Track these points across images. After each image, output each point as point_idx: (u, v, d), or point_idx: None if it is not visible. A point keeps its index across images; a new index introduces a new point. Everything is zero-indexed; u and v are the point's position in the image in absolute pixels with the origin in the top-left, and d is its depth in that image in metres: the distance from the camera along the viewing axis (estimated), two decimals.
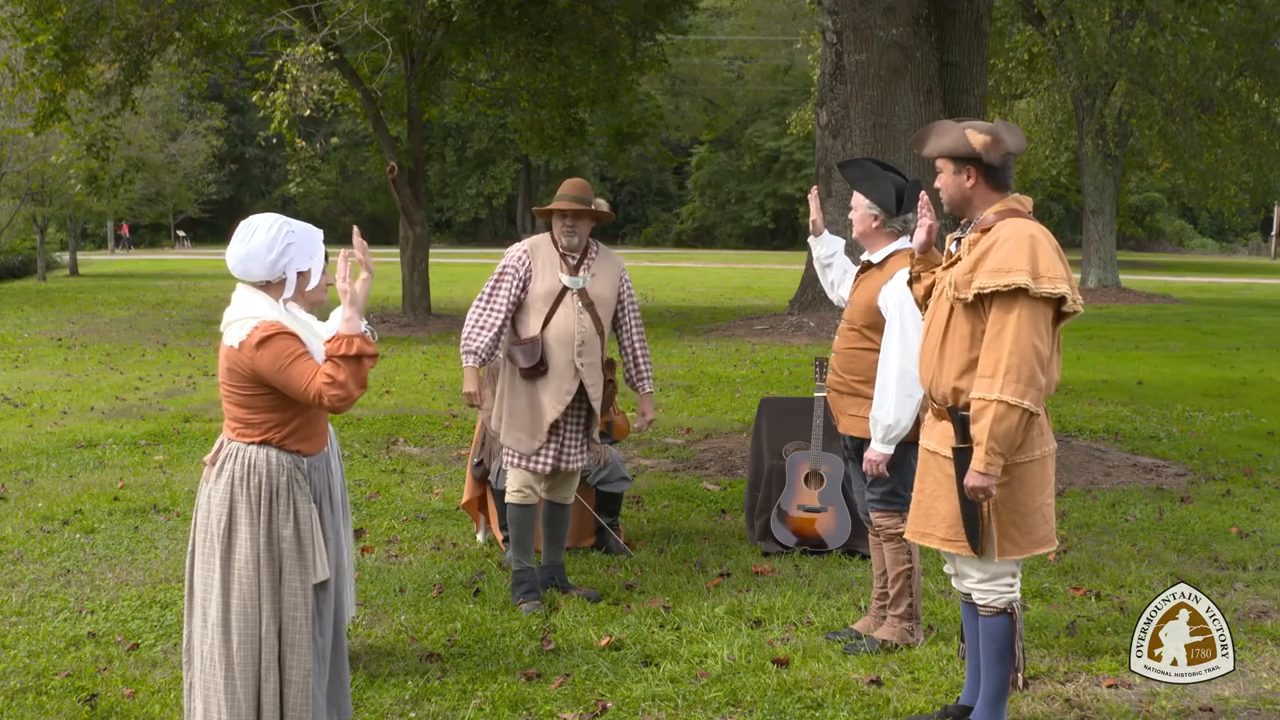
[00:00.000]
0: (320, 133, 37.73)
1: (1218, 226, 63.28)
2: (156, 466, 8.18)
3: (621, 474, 6.27)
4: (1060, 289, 3.50)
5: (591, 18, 18.90)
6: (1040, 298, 3.50)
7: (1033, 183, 37.36)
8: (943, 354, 3.71)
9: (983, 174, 3.71)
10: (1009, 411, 3.48)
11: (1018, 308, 3.50)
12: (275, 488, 3.43)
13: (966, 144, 3.70)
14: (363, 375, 3.34)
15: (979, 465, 3.52)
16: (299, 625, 3.43)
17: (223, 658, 3.39)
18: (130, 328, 19.33)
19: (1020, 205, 3.71)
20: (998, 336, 3.52)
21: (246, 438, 3.44)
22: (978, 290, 3.55)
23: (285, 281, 3.49)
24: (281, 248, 3.46)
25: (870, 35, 8.40)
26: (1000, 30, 23.33)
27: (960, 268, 3.66)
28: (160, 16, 16.61)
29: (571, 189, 5.30)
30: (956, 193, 3.78)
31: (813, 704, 4.23)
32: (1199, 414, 10.80)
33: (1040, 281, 3.49)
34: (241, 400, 3.42)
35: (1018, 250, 3.52)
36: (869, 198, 4.75)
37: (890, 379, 4.49)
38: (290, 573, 3.43)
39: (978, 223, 3.73)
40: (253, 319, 3.39)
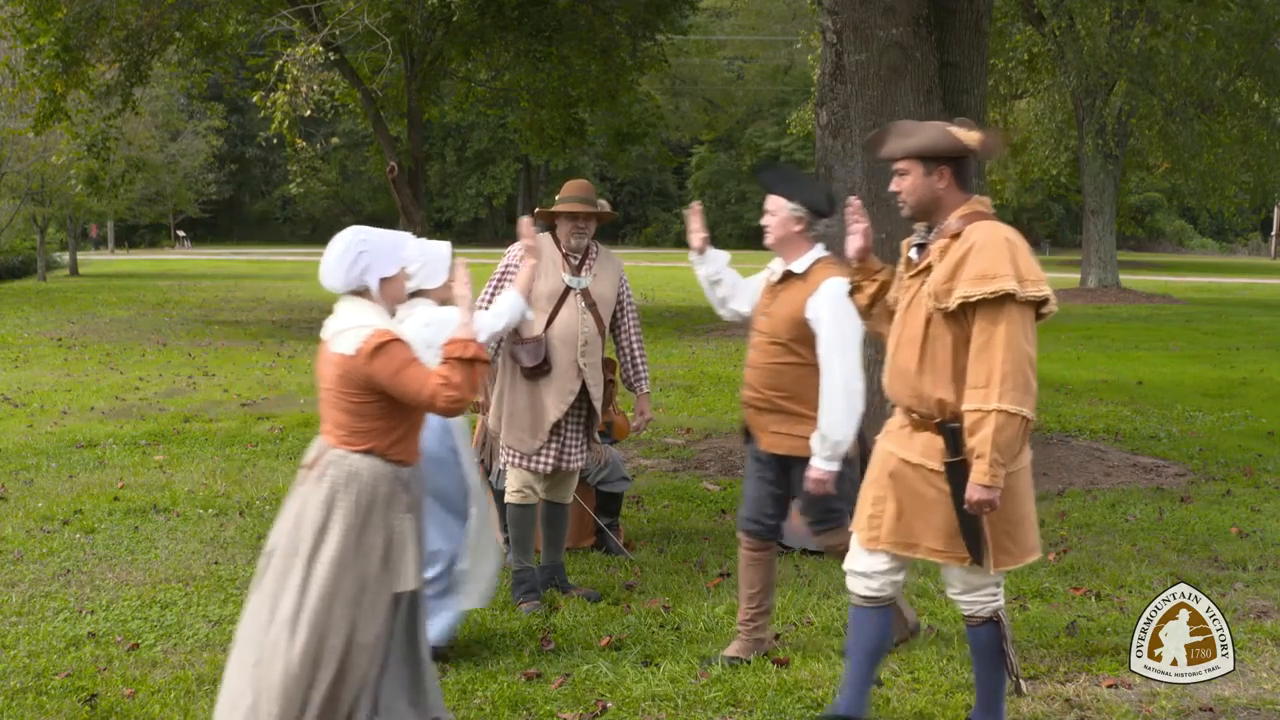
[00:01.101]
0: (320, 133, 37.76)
1: (1218, 226, 63.26)
2: (156, 466, 8.18)
3: (621, 474, 6.27)
4: (1044, 291, 3.44)
5: (591, 18, 18.88)
6: (1026, 301, 3.43)
7: (1033, 183, 37.39)
8: (923, 365, 3.59)
9: (956, 174, 3.59)
10: (1009, 420, 3.40)
11: (1005, 314, 3.41)
12: (374, 498, 3.47)
13: (950, 141, 3.58)
14: (475, 380, 3.44)
15: (983, 478, 3.41)
16: (372, 632, 3.47)
17: (284, 654, 3.41)
18: (130, 328, 19.33)
19: (984, 207, 3.61)
20: (987, 345, 3.42)
21: (351, 445, 3.49)
22: (962, 298, 3.44)
23: (369, 289, 3.55)
24: (353, 258, 3.52)
25: (870, 35, 8.39)
26: (1000, 30, 23.30)
27: (937, 276, 3.53)
28: (160, 16, 16.61)
29: (577, 190, 5.30)
30: (926, 195, 3.62)
31: (813, 704, 4.23)
32: (1199, 414, 10.80)
33: (1025, 285, 3.42)
34: (350, 408, 3.47)
35: (998, 255, 3.43)
36: (794, 200, 4.52)
37: (836, 394, 4.28)
38: (374, 581, 3.47)
39: (943, 228, 3.60)
40: (366, 327, 3.46)
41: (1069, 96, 27.55)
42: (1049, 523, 6.77)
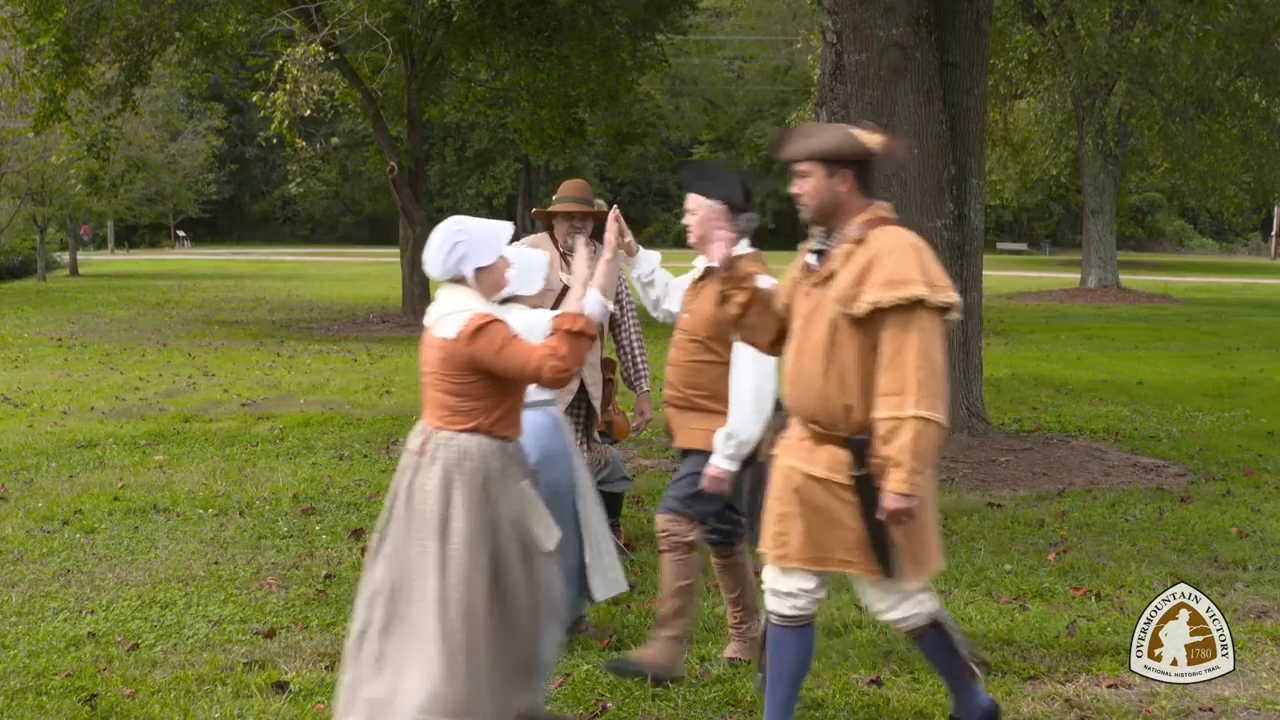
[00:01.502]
0: (320, 133, 37.76)
1: (1218, 226, 63.28)
2: (156, 466, 8.18)
3: (622, 474, 6.26)
4: (953, 297, 3.37)
5: (591, 18, 18.90)
6: (936, 307, 3.35)
7: (1033, 183, 37.37)
8: (829, 374, 3.47)
9: (858, 178, 3.50)
10: (926, 427, 3.30)
11: (916, 320, 3.33)
12: (489, 472, 3.59)
13: (853, 144, 3.49)
14: (581, 352, 3.54)
15: (901, 486, 3.31)
16: (523, 600, 3.60)
17: (438, 633, 3.49)
18: (130, 328, 19.33)
19: (887, 213, 3.54)
20: (900, 352, 3.33)
21: (456, 425, 3.60)
22: (873, 304, 3.35)
23: (465, 277, 3.66)
24: (449, 247, 3.64)
25: (870, 35, 8.40)
26: (1000, 30, 23.31)
27: (843, 282, 3.42)
28: (160, 17, 16.62)
29: (575, 190, 5.30)
30: (827, 198, 3.51)
31: (813, 704, 4.23)
32: (1199, 414, 10.80)
33: (936, 291, 3.34)
34: (453, 389, 3.59)
35: (907, 261, 3.36)
36: (711, 196, 4.38)
37: (745, 395, 4.19)
38: (512, 552, 3.58)
39: (844, 234, 3.50)
40: (466, 311, 3.58)
41: (1069, 96, 27.56)
42: (1049, 523, 6.78)
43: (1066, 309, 25.04)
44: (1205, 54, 22.55)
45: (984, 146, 9.24)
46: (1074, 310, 24.64)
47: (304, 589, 5.47)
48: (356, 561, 5.95)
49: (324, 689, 4.30)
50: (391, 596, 3.60)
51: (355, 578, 5.64)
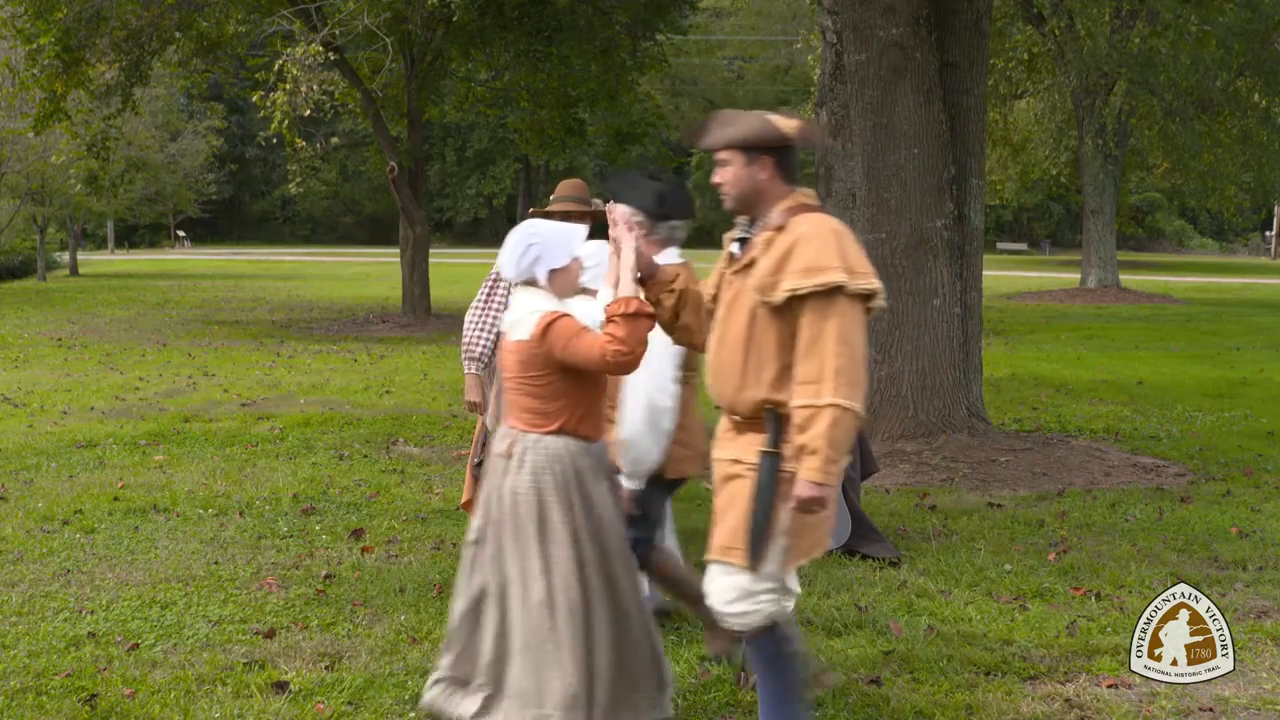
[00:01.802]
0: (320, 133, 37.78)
1: (1218, 226, 63.30)
2: (156, 466, 8.18)
3: None
4: (873, 284, 3.30)
5: (591, 18, 18.90)
6: (856, 295, 3.28)
7: (1033, 183, 37.37)
8: (747, 365, 3.40)
9: (778, 165, 3.44)
10: (843, 415, 3.22)
11: (836, 307, 3.25)
12: (579, 470, 3.64)
13: (771, 130, 3.42)
14: (641, 333, 3.52)
15: (815, 475, 3.22)
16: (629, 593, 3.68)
17: (551, 633, 3.55)
18: (130, 328, 19.33)
19: (809, 199, 3.48)
20: (818, 340, 3.25)
21: (541, 427, 3.65)
22: (790, 291, 3.28)
23: (537, 280, 3.71)
24: (522, 250, 3.70)
25: (870, 35, 8.40)
26: (1000, 30, 23.33)
27: (762, 269, 3.36)
28: (160, 16, 16.62)
29: (572, 190, 5.29)
30: (748, 186, 3.46)
31: (813, 704, 4.23)
32: (1199, 414, 10.80)
33: (855, 277, 3.27)
34: (535, 391, 3.64)
35: (826, 247, 3.29)
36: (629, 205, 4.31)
37: (639, 409, 4.15)
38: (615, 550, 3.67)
39: (766, 221, 3.44)
40: (536, 313, 3.64)
41: (1069, 96, 27.56)
42: (1049, 523, 6.78)
43: (1066, 309, 25.04)
44: (1205, 54, 22.54)
45: (984, 146, 9.24)
46: (1074, 310, 24.64)
47: (304, 589, 5.47)
48: (356, 561, 5.96)
49: (324, 689, 4.31)
50: (500, 599, 3.68)
51: (355, 578, 5.65)
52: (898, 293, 8.49)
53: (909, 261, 8.44)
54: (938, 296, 8.46)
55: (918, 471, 7.99)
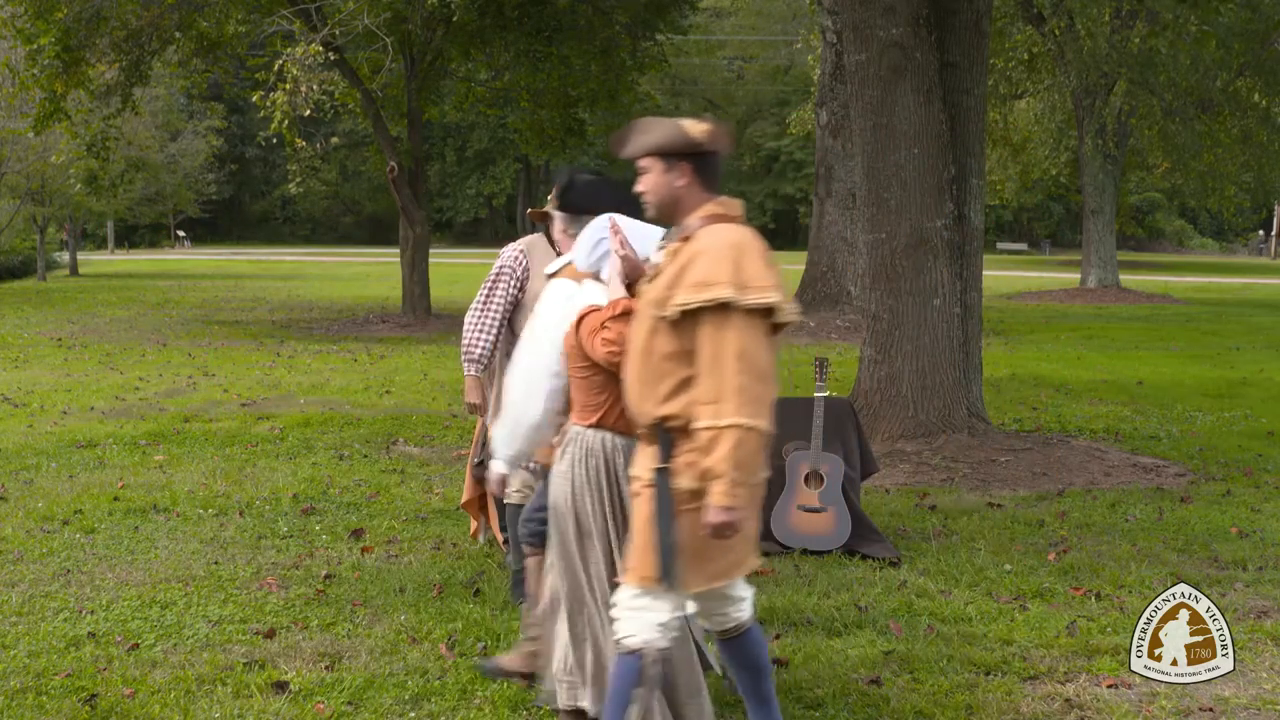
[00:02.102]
0: (320, 133, 37.78)
1: (1218, 226, 63.31)
2: (156, 466, 8.18)
3: None
4: (769, 298, 3.19)
5: (591, 18, 18.90)
6: (750, 310, 3.18)
7: (1033, 183, 37.38)
8: (644, 377, 3.36)
9: (697, 171, 3.38)
10: (746, 435, 3.13)
11: (731, 323, 3.16)
12: (614, 468, 3.63)
13: (683, 137, 3.37)
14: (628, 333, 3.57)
15: (723, 499, 3.14)
16: None
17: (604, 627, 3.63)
18: (130, 328, 19.33)
19: (726, 209, 3.38)
20: (716, 357, 3.16)
21: (584, 420, 3.68)
22: (681, 306, 3.21)
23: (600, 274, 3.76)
24: (594, 242, 3.75)
25: (870, 35, 8.40)
26: (1000, 30, 23.33)
27: (660, 283, 3.32)
28: (160, 16, 16.63)
29: None
30: (666, 194, 3.41)
31: (813, 704, 4.23)
32: (1199, 414, 10.80)
33: (746, 293, 3.16)
34: (579, 383, 3.68)
35: (720, 261, 3.20)
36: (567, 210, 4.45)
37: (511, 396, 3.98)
38: None
39: (681, 230, 3.40)
40: (579, 306, 3.72)
41: (1069, 96, 27.56)
42: (1049, 523, 6.78)
43: (1066, 309, 25.04)
44: (1205, 54, 22.55)
45: (984, 146, 9.24)
46: (1074, 310, 24.64)
47: (304, 589, 5.47)
48: (356, 561, 5.96)
49: (324, 689, 4.31)
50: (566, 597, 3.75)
51: (355, 578, 5.65)
52: (898, 293, 8.49)
53: (909, 261, 8.44)
54: (938, 296, 8.46)
55: (918, 471, 7.99)
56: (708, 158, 3.42)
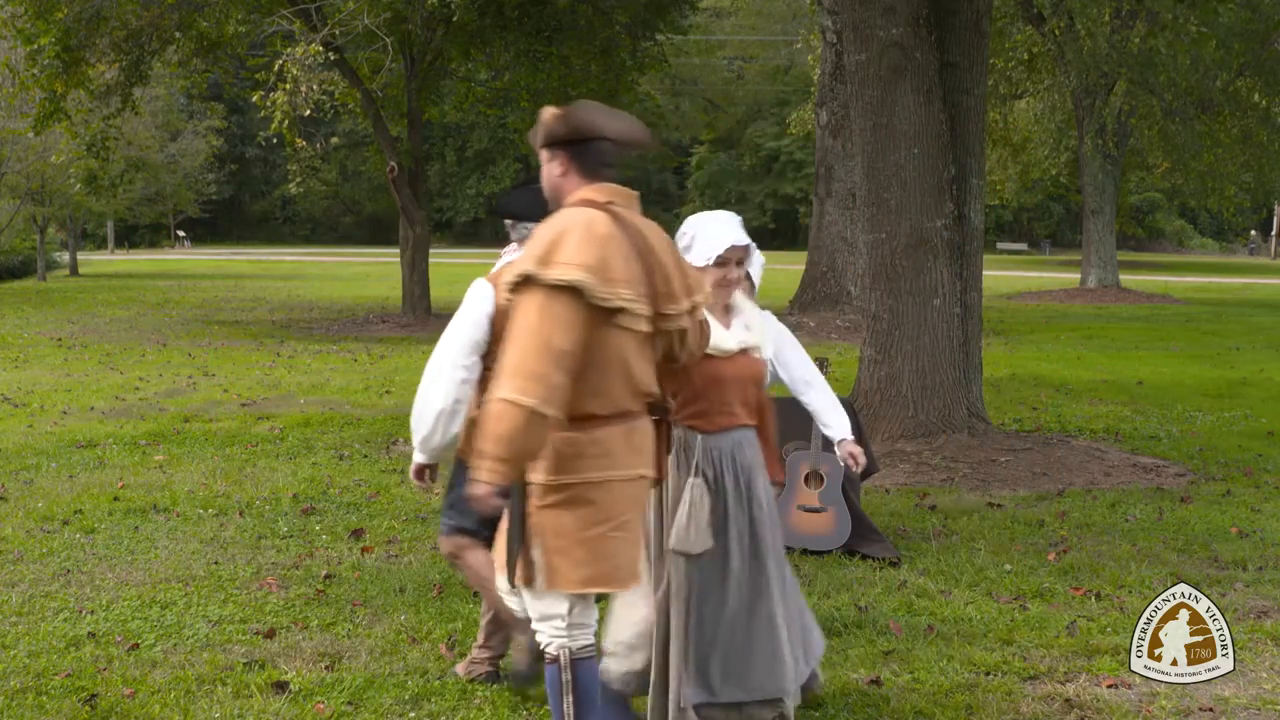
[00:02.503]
0: (320, 133, 37.76)
1: (1218, 226, 63.30)
2: (156, 466, 8.18)
3: None
4: (571, 276, 3.01)
5: (591, 18, 18.90)
6: (551, 285, 3.02)
7: (1033, 183, 37.39)
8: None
9: (573, 159, 3.28)
10: (507, 409, 2.96)
11: (530, 298, 3.04)
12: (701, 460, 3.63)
13: (542, 126, 3.30)
14: None
15: (481, 474, 3.01)
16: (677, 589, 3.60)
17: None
18: (130, 328, 19.33)
19: (597, 195, 3.24)
20: (512, 332, 3.07)
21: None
22: (505, 287, 3.18)
23: None
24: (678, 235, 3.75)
25: (870, 35, 8.40)
26: (1000, 30, 23.33)
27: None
28: (160, 16, 16.63)
29: None
30: (550, 184, 3.35)
31: (813, 704, 4.23)
32: (1199, 414, 10.80)
33: (547, 267, 3.03)
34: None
35: (539, 240, 3.12)
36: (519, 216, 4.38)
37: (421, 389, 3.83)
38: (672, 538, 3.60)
39: None
40: None
41: (1069, 96, 27.56)
42: (1049, 523, 6.78)
43: (1066, 309, 25.04)
44: (1205, 54, 22.55)
45: (984, 146, 9.24)
46: (1074, 310, 24.64)
47: (304, 589, 5.47)
48: (356, 561, 5.96)
49: (324, 689, 4.31)
50: None
51: (355, 578, 5.65)
52: (898, 293, 8.49)
53: (909, 261, 8.44)
54: (938, 296, 8.46)
55: (918, 471, 7.99)
56: (584, 145, 3.28)
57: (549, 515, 3.17)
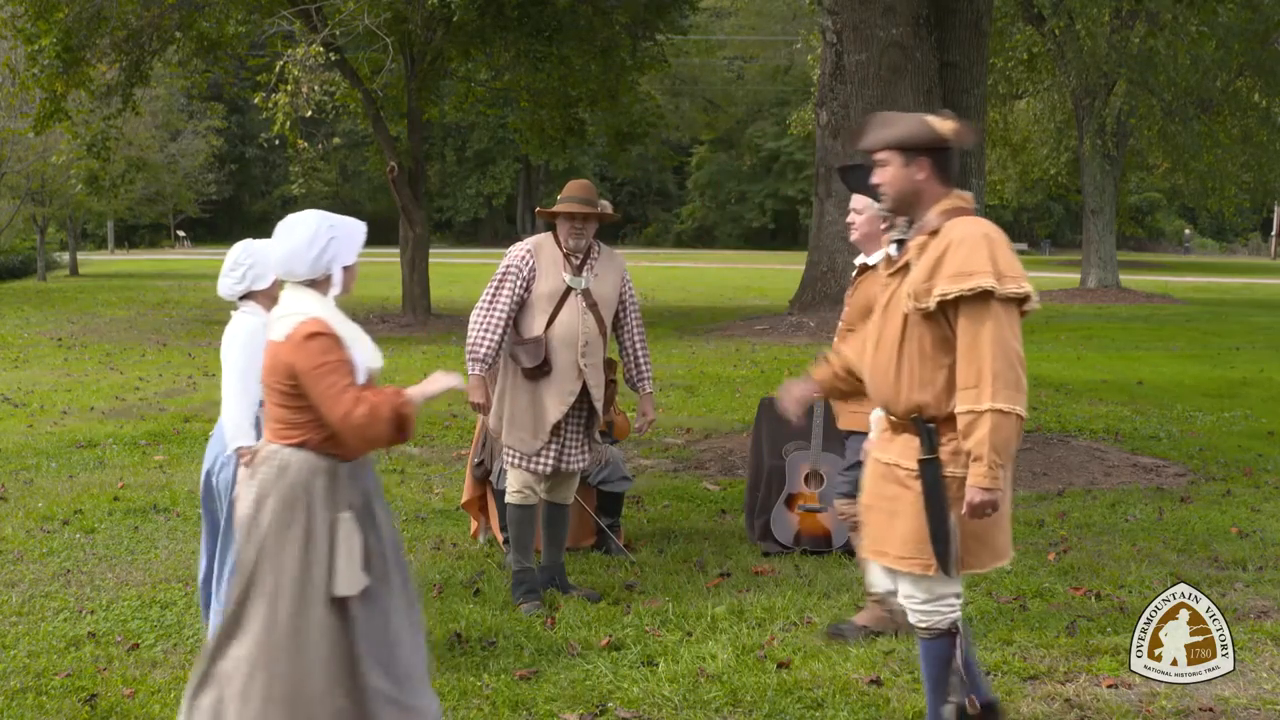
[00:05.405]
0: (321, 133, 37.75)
1: (1218, 226, 63.27)
2: (156, 466, 8.18)
3: (623, 474, 6.27)
4: (1024, 288, 3.36)
5: (591, 18, 18.90)
6: (1007, 298, 3.34)
7: (1033, 183, 37.37)
8: (900, 367, 3.51)
9: (936, 167, 3.49)
10: (1004, 420, 3.30)
11: (990, 312, 3.33)
12: (306, 492, 3.30)
13: (928, 131, 3.48)
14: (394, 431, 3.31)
15: (982, 480, 3.32)
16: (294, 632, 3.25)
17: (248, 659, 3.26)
18: (130, 328, 19.33)
19: (965, 202, 3.52)
20: (973, 344, 3.34)
21: (286, 439, 3.33)
22: (941, 296, 3.36)
23: (330, 278, 3.39)
24: (324, 243, 3.37)
25: (870, 35, 8.41)
26: (1000, 30, 23.35)
27: (916, 275, 3.45)
28: (161, 17, 16.63)
29: (578, 190, 5.28)
30: (906, 187, 3.51)
31: (813, 704, 4.23)
32: (1199, 414, 10.80)
33: (1004, 282, 3.33)
34: (280, 399, 3.32)
35: (976, 251, 3.35)
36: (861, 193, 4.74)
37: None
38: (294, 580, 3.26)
39: (922, 224, 3.52)
40: (300, 314, 3.32)
41: (1069, 96, 27.56)
42: (1049, 523, 6.78)
43: (1066, 309, 25.02)
44: (1205, 54, 22.57)
45: (984, 146, 9.25)
46: (1074, 310, 24.62)
47: None
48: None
49: None
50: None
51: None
52: None
53: None
54: None
55: None
56: (947, 153, 3.51)
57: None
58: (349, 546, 3.31)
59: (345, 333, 3.34)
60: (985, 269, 3.32)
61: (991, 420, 3.30)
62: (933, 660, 3.63)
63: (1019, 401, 3.33)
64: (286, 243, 3.38)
